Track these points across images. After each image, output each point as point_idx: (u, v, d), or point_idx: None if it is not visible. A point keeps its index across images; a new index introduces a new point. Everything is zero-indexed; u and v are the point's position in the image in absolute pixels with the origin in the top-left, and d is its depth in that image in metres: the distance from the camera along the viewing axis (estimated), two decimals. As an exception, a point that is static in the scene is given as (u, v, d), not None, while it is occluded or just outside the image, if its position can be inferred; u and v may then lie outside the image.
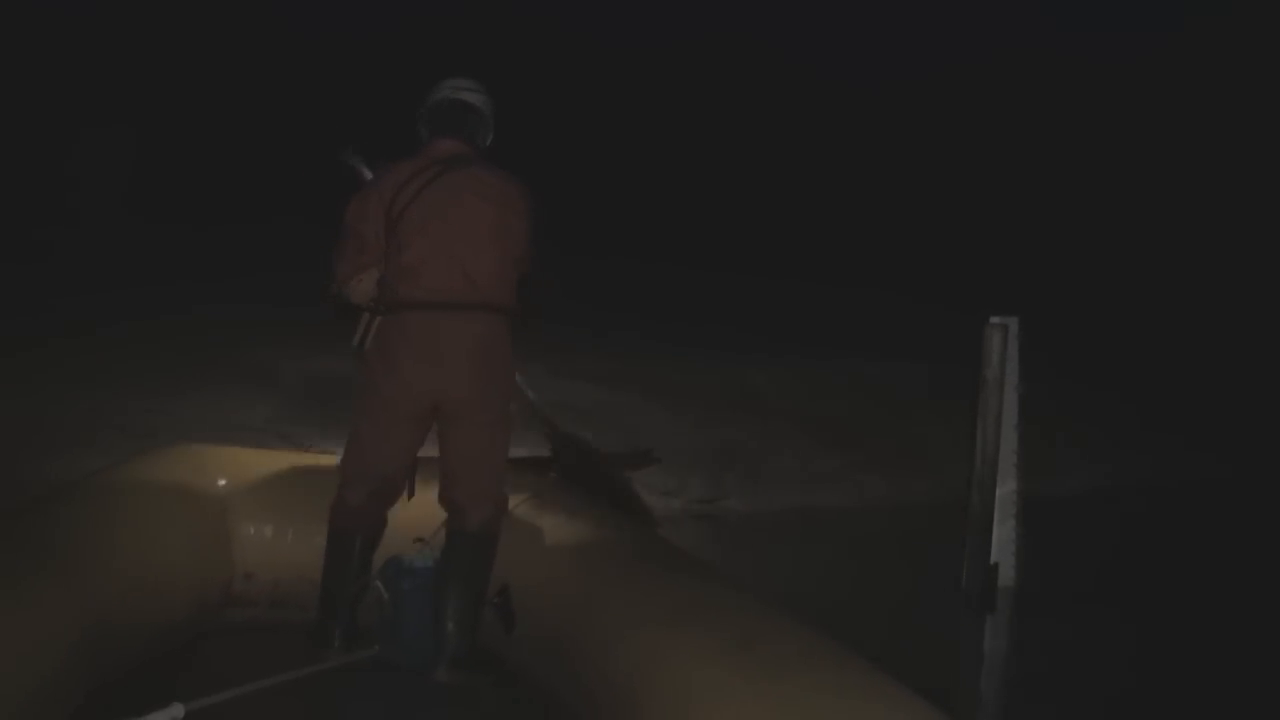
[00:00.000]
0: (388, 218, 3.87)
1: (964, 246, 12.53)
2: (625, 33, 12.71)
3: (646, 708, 2.93)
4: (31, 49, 10.71)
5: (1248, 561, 7.27)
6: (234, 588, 4.22)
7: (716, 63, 13.38)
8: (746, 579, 4.04)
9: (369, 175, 4.26)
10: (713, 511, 7.83)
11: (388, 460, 3.96)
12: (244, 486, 4.31)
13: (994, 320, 6.13)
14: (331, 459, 4.41)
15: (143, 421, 7.10)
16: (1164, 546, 7.63)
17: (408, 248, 3.85)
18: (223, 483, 4.27)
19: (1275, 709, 4.95)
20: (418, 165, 3.93)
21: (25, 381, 7.33)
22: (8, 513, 3.74)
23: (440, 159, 3.94)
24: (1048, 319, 7.20)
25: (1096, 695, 4.92)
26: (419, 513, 4.05)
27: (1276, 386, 10.57)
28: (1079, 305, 11.48)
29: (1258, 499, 8.67)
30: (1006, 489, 6.16)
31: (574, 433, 5.28)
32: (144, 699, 3.15)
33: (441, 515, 4.00)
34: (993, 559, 6.11)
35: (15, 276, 8.81)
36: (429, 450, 4.03)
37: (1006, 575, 6.16)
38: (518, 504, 4.17)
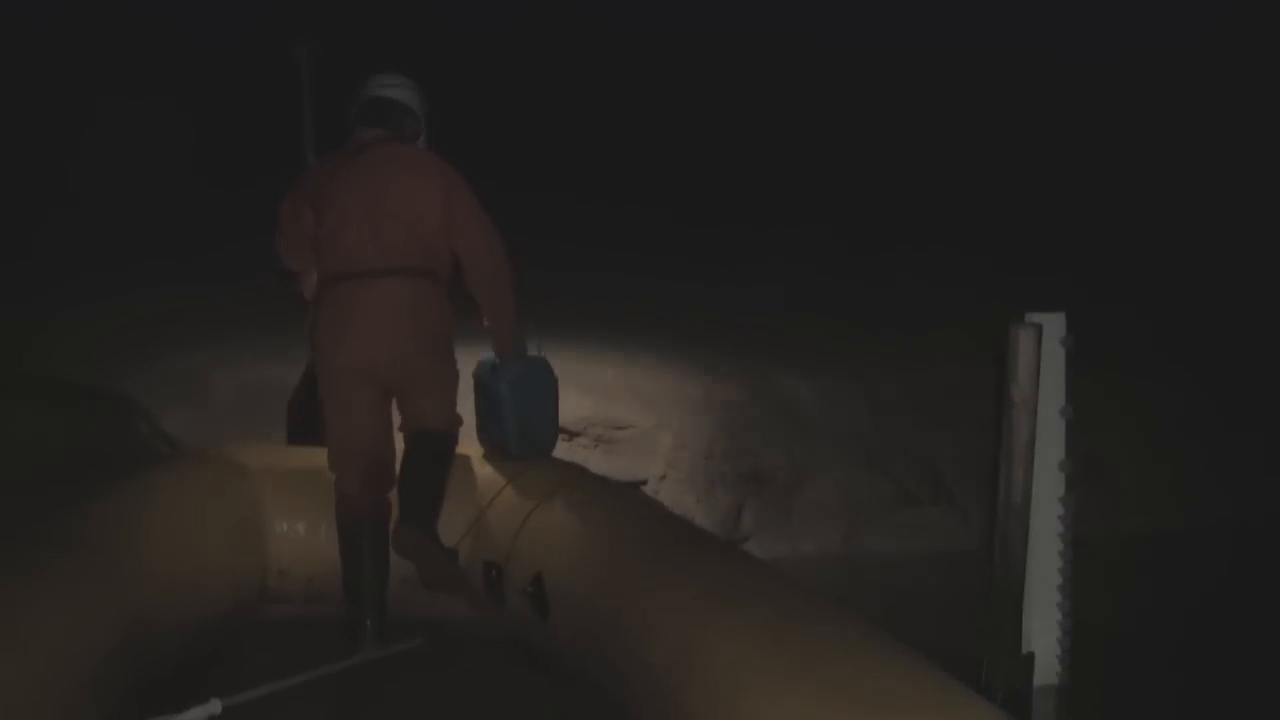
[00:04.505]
0: (314, 206, 4.14)
1: (1053, 226, 10.44)
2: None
3: (685, 693, 2.86)
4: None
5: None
6: (269, 584, 4.36)
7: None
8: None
9: (308, 92, 4.83)
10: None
11: (358, 437, 4.06)
12: (277, 483, 4.44)
13: (1028, 319, 4.45)
14: None
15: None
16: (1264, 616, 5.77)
17: (325, 221, 4.10)
18: (256, 480, 4.40)
19: None
20: (340, 153, 4.22)
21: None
22: (46, 512, 3.71)
23: (361, 144, 4.19)
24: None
25: None
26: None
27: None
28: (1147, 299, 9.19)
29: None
30: (1046, 551, 4.49)
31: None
32: (182, 695, 3.26)
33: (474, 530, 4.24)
34: (1025, 648, 4.46)
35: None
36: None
37: (1047, 670, 4.50)
38: (549, 492, 4.18)
